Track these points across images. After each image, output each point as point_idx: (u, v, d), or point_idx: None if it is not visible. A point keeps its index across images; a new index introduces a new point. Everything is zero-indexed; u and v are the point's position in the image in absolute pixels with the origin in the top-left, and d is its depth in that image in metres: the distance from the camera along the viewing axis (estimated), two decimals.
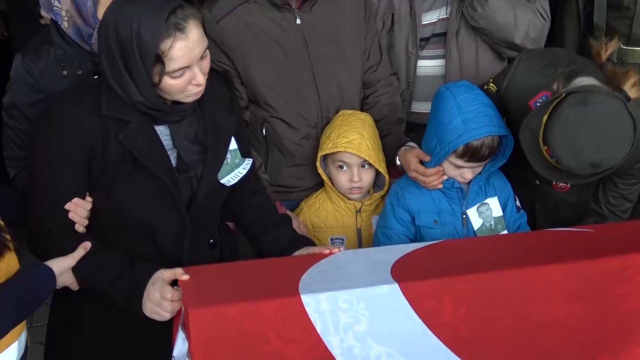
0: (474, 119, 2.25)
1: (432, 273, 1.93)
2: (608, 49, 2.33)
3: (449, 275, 1.90)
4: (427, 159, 2.39)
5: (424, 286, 1.86)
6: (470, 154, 2.29)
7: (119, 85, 1.90)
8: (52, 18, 2.23)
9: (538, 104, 2.22)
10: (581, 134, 2.01)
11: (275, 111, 2.56)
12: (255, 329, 1.75)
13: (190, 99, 1.96)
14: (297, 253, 2.13)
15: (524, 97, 2.29)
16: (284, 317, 1.77)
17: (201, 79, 1.91)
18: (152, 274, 1.94)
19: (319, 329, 1.78)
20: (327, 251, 2.06)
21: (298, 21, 2.51)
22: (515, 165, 2.37)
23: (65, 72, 2.18)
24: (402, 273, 1.90)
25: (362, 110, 2.70)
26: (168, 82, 1.89)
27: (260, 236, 2.25)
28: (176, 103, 2.00)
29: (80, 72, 2.19)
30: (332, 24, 2.57)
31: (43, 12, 3.22)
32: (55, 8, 2.18)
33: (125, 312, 1.98)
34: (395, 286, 1.84)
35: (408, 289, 1.84)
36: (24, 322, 1.90)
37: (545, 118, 2.07)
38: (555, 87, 2.16)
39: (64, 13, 2.16)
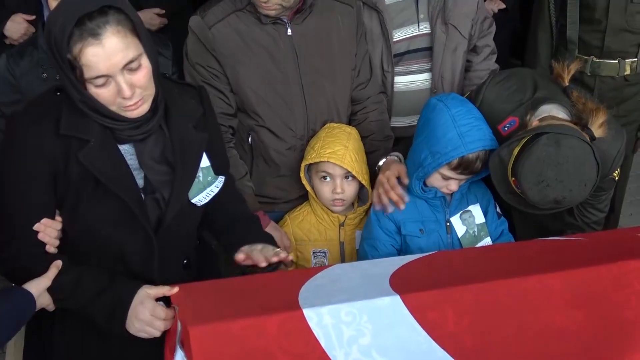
0: (468, 132, 2.26)
1: (432, 284, 1.91)
2: (570, 71, 2.40)
3: (450, 286, 1.88)
4: (405, 181, 2.41)
5: (426, 297, 1.85)
6: (464, 166, 2.30)
7: (62, 83, 1.85)
8: (41, 23, 2.21)
9: (506, 129, 2.33)
10: (550, 173, 2.09)
11: (262, 120, 2.54)
12: (258, 345, 1.70)
13: (129, 114, 1.86)
14: (252, 247, 2.02)
15: (492, 121, 2.35)
16: (287, 332, 1.73)
17: (126, 91, 1.79)
18: (136, 291, 1.89)
19: (323, 343, 1.74)
20: (283, 254, 1.97)
21: (289, 32, 2.50)
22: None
23: (45, 75, 2.17)
24: (401, 285, 1.88)
25: (350, 126, 2.68)
26: (92, 90, 1.80)
27: (225, 232, 2.17)
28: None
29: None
30: (324, 37, 2.56)
31: (7, 32, 3.22)
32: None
33: (101, 330, 1.94)
34: (397, 298, 1.82)
35: (410, 300, 1.82)
36: None
37: (516, 150, 2.15)
38: (527, 117, 2.25)
39: None
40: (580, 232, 2.55)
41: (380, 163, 2.53)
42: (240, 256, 1.96)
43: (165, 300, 1.91)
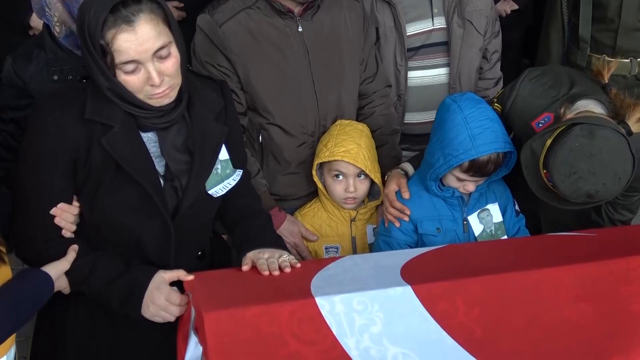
0: (480, 135, 2.24)
1: (443, 275, 1.94)
2: (610, 68, 2.36)
3: (460, 277, 1.91)
4: (406, 196, 2.43)
5: (436, 288, 1.88)
6: (476, 169, 2.29)
7: (89, 71, 1.89)
8: (44, 23, 2.20)
9: (540, 125, 2.27)
10: (582, 165, 2.04)
11: (273, 117, 2.55)
12: (271, 331, 1.74)
13: (154, 102, 1.91)
14: (258, 256, 2.00)
15: (526, 117, 2.32)
16: (299, 319, 1.77)
17: (155, 78, 1.85)
18: (152, 276, 1.92)
19: (334, 331, 1.78)
20: (266, 273, 1.95)
21: (300, 29, 2.51)
22: (520, 175, 2.35)
23: (55, 77, 2.17)
24: (412, 276, 1.91)
25: (357, 120, 2.70)
26: (122, 76, 1.85)
27: (235, 227, 2.18)
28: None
29: (70, 77, 2.17)
30: (332, 32, 2.58)
31: (32, 23, 3.24)
32: (47, 14, 2.17)
33: (113, 314, 1.98)
34: (408, 288, 1.85)
35: (421, 291, 1.85)
36: (13, 336, 1.87)
37: (548, 142, 2.10)
38: (562, 110, 2.20)
39: (55, 19, 2.14)
40: None
41: (386, 177, 2.56)
42: (245, 267, 1.99)
43: (179, 288, 1.94)
